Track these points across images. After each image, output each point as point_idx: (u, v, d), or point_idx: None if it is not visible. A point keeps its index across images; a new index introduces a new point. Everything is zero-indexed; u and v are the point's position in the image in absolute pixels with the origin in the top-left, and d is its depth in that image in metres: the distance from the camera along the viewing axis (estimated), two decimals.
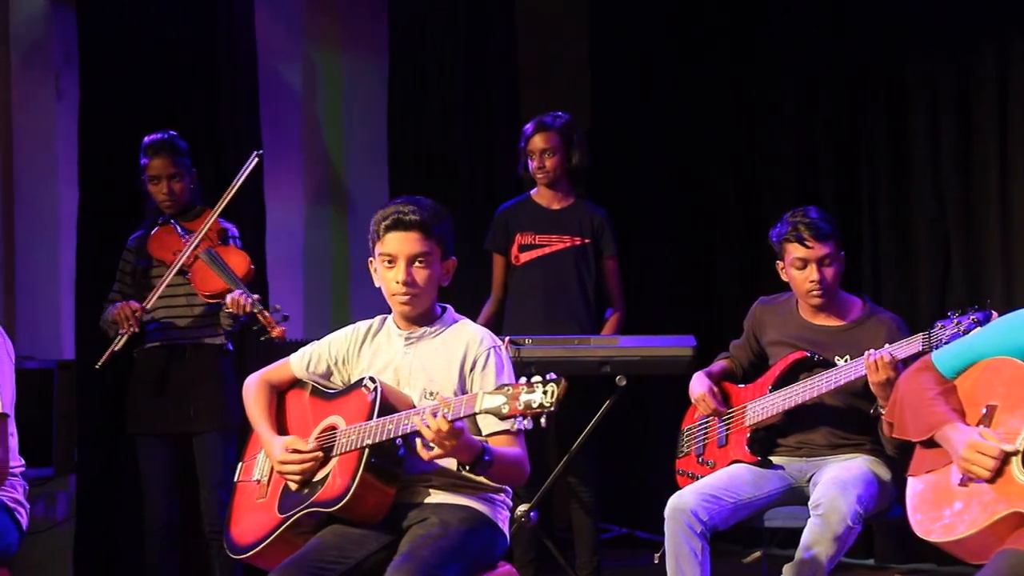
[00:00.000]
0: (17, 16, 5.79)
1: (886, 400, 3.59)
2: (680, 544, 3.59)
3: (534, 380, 2.74)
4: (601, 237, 4.88)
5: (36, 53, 5.77)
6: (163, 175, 4.50)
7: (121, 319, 4.41)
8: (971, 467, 2.87)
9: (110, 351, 4.44)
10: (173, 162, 4.50)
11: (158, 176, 4.50)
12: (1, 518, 3.18)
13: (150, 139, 4.53)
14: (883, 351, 3.57)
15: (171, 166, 4.50)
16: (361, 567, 2.98)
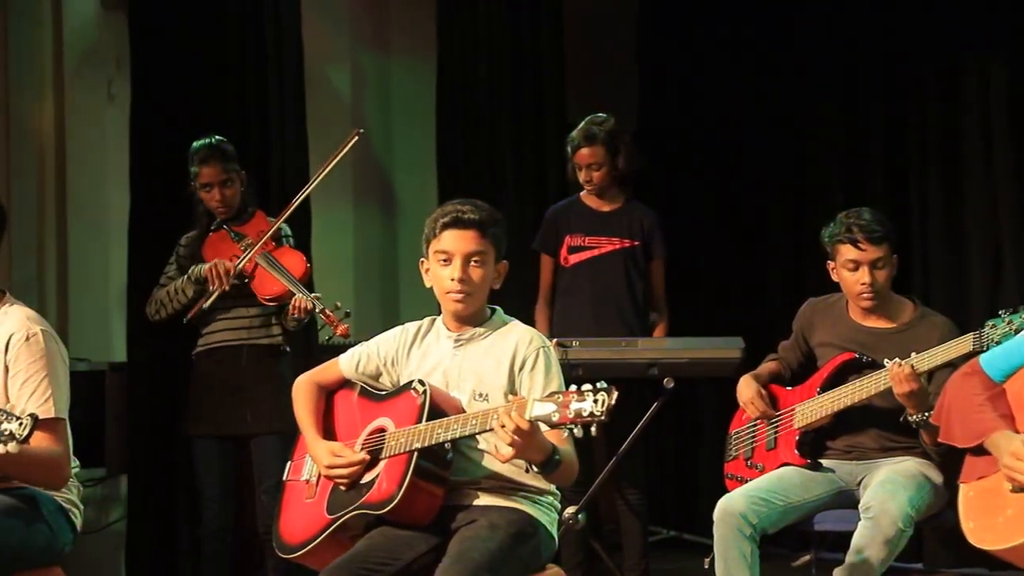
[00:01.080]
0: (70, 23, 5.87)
1: (915, 409, 3.56)
2: (729, 547, 3.57)
3: (585, 388, 2.73)
4: (652, 239, 4.87)
5: (88, 59, 5.84)
6: (215, 182, 4.54)
7: (213, 276, 4.40)
8: (1015, 475, 2.84)
9: (198, 307, 4.44)
10: (223, 168, 4.54)
11: (210, 183, 4.54)
12: (55, 518, 3.21)
13: (198, 146, 4.56)
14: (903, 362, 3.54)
15: (222, 172, 4.54)
16: (409, 569, 2.99)
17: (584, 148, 4.78)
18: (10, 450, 2.84)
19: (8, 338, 3.19)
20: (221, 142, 4.59)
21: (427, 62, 6.13)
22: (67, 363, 3.29)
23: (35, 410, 2.99)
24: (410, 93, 6.41)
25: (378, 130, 6.48)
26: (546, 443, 2.88)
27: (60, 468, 3.17)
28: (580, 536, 4.71)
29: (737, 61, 6.11)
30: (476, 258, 3.10)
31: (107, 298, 5.63)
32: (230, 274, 4.41)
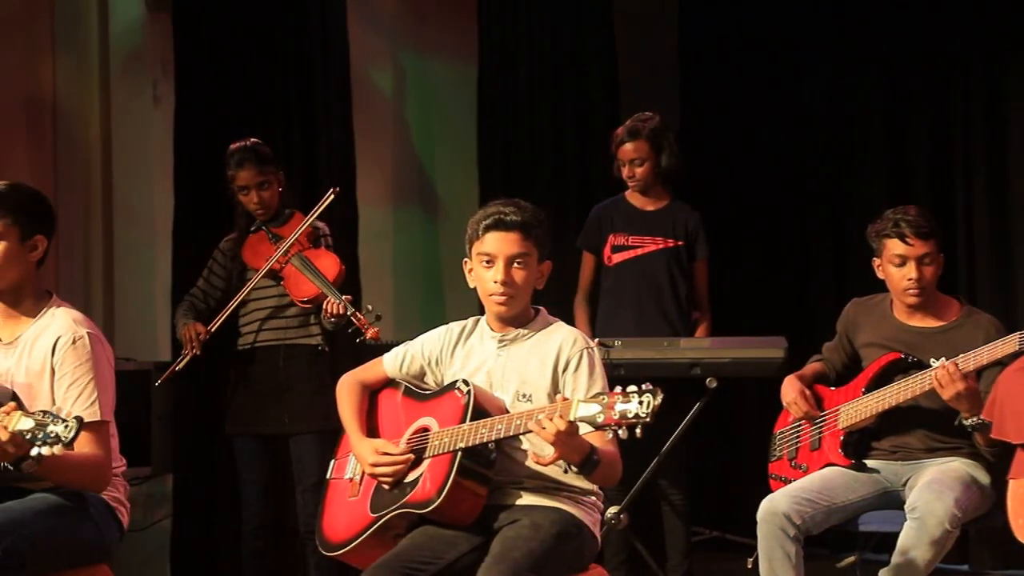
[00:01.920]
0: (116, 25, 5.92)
1: (968, 411, 3.53)
2: (774, 548, 3.56)
3: (630, 390, 2.73)
4: (695, 240, 4.86)
5: (134, 62, 5.89)
6: (251, 185, 4.57)
7: (185, 340, 4.52)
8: None
9: (171, 370, 4.57)
10: (259, 171, 4.56)
11: (246, 186, 4.57)
12: (103, 516, 3.24)
13: (234, 149, 4.59)
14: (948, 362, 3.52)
15: (258, 175, 4.56)
16: (452, 568, 3.00)
17: (627, 143, 4.78)
18: (55, 452, 2.87)
19: (55, 341, 3.22)
20: (257, 144, 4.61)
21: (469, 63, 6.14)
22: (113, 365, 3.32)
23: (81, 413, 3.02)
24: (452, 93, 6.42)
25: (420, 130, 6.50)
26: (584, 444, 2.88)
27: (102, 471, 3.20)
28: (623, 536, 4.71)
29: (778, 61, 6.07)
30: (519, 260, 3.10)
31: (152, 298, 5.67)
32: (201, 337, 4.51)
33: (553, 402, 2.90)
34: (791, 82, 6.02)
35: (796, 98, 6.00)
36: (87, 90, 5.89)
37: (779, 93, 6.05)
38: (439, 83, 6.49)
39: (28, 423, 2.87)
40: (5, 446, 2.88)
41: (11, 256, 3.24)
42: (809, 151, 5.99)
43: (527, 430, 2.90)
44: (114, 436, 3.30)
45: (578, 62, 6.04)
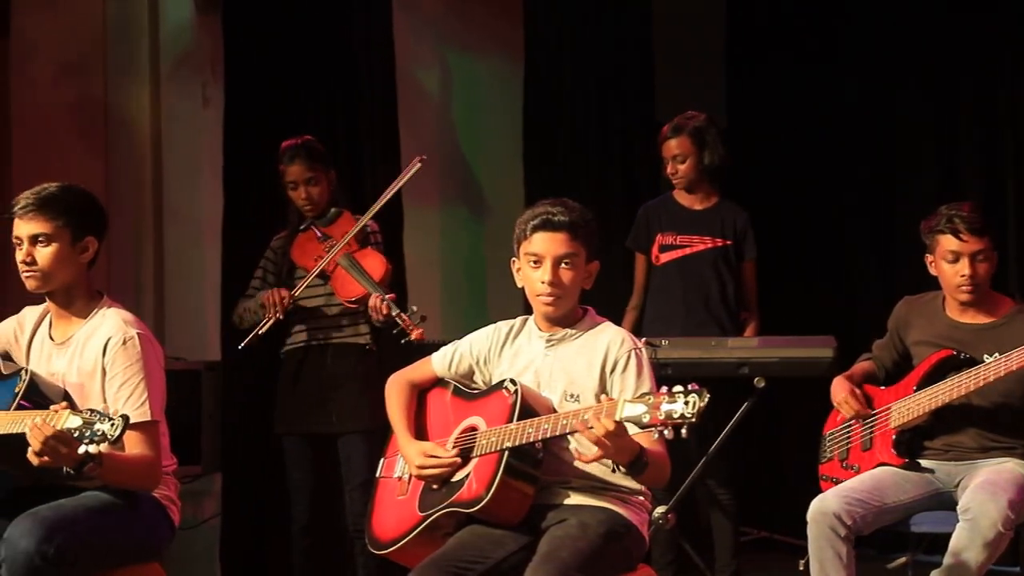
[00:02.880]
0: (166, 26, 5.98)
1: None
2: (824, 548, 3.53)
3: (676, 390, 2.72)
4: (744, 239, 4.83)
5: (184, 64, 5.94)
6: (300, 180, 4.59)
7: (269, 304, 4.49)
8: None
9: (254, 333, 4.51)
10: (309, 167, 4.59)
11: (295, 182, 4.60)
12: (154, 515, 3.27)
13: (287, 145, 4.63)
14: None
15: (307, 171, 4.59)
16: (500, 567, 3.00)
17: (671, 140, 4.77)
18: (102, 450, 2.90)
19: (106, 341, 3.25)
20: (309, 141, 4.64)
21: (515, 62, 6.14)
22: (163, 365, 3.35)
23: (131, 413, 3.05)
24: (497, 93, 6.42)
25: (465, 130, 6.51)
26: (633, 445, 2.87)
27: (153, 471, 3.23)
28: (671, 536, 4.69)
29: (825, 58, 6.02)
30: (567, 260, 3.09)
31: (202, 298, 5.72)
32: (285, 301, 4.47)
33: (600, 403, 2.89)
34: (839, 79, 5.97)
35: (844, 95, 5.95)
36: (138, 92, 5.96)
37: (827, 90, 6.00)
38: (485, 83, 6.49)
39: (76, 421, 2.91)
40: (54, 444, 2.92)
41: (62, 257, 3.27)
42: (858, 149, 5.94)
43: (574, 430, 2.89)
44: (165, 435, 3.33)
45: (622, 62, 6.02)
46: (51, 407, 3.03)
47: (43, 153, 5.68)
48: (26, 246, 3.26)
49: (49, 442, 2.91)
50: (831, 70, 5.99)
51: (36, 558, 2.93)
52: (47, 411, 3.00)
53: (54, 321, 3.38)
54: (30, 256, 3.26)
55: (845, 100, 5.94)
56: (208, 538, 5.43)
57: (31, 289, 3.32)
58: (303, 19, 5.49)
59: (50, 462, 2.95)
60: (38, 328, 3.41)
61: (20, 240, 3.28)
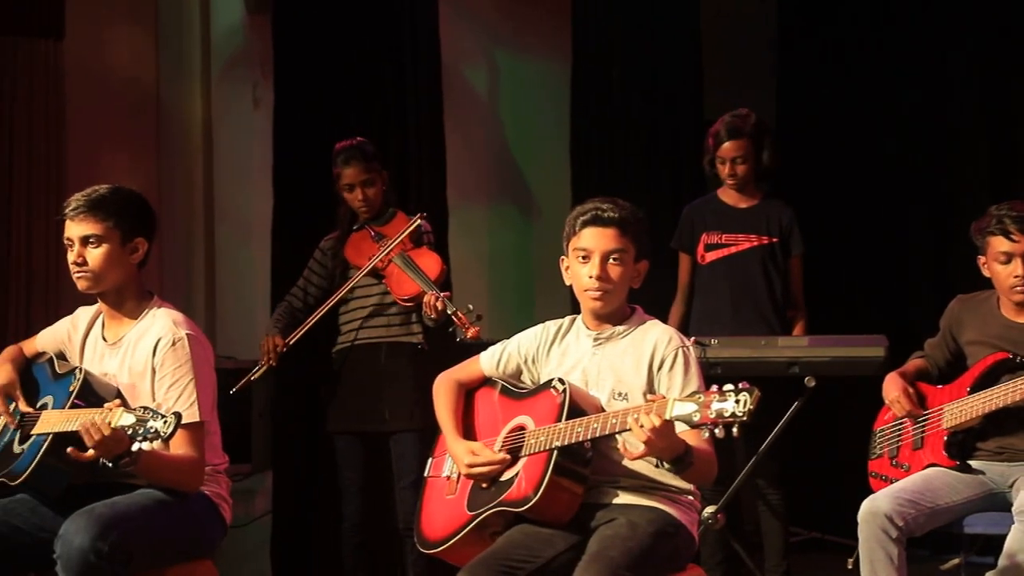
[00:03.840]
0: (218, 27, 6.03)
1: None
2: (875, 549, 3.50)
3: (727, 388, 2.71)
4: (790, 236, 4.80)
5: (235, 65, 5.99)
6: (356, 182, 4.62)
7: (263, 351, 4.57)
8: None
9: (246, 380, 4.60)
10: (365, 168, 4.61)
11: (351, 184, 4.62)
12: (206, 512, 3.30)
13: (340, 148, 4.65)
14: None
15: (363, 173, 4.61)
16: (549, 567, 3.00)
17: (728, 142, 4.74)
18: (155, 447, 2.93)
19: (156, 342, 3.28)
20: (363, 143, 4.67)
21: (562, 60, 6.14)
22: (213, 365, 3.37)
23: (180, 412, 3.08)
24: (545, 91, 6.43)
25: (513, 129, 6.51)
26: (679, 442, 2.86)
27: (196, 472, 3.25)
28: (720, 536, 4.68)
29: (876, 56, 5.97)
30: (615, 256, 3.09)
31: (252, 298, 5.77)
32: (279, 350, 4.55)
33: (648, 401, 2.88)
34: (890, 76, 5.91)
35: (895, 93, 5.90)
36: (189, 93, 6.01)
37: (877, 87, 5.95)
38: (532, 81, 6.49)
39: (129, 419, 2.94)
40: (108, 441, 2.95)
41: (112, 258, 3.30)
42: (910, 146, 5.89)
43: (623, 428, 2.89)
44: (216, 434, 3.36)
45: (670, 60, 6.01)
46: (105, 404, 3.07)
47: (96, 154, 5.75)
48: (77, 247, 3.30)
49: (103, 439, 2.94)
50: (882, 66, 5.94)
51: (91, 555, 2.96)
52: (101, 409, 3.03)
53: (106, 321, 3.42)
54: (81, 257, 3.29)
55: (896, 97, 5.88)
56: (259, 535, 5.47)
57: (82, 289, 3.36)
58: (352, 19, 5.51)
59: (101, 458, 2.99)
60: (91, 328, 3.45)
61: (71, 241, 3.31)
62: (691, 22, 6.03)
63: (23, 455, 3.26)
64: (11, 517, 3.25)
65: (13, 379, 3.43)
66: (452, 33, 5.84)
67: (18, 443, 3.32)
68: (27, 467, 3.19)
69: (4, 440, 3.39)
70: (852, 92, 6.03)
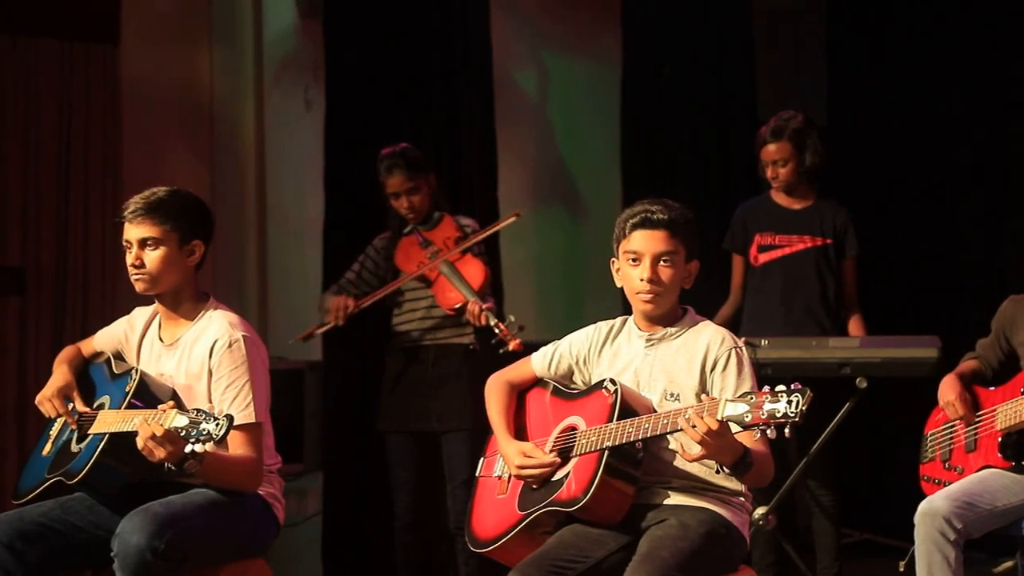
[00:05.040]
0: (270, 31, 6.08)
1: None
2: (932, 552, 3.47)
3: (779, 389, 2.71)
4: (844, 237, 4.78)
5: (287, 68, 6.04)
6: (401, 191, 4.65)
7: (332, 308, 4.58)
8: None
9: (310, 331, 4.64)
10: (409, 177, 4.63)
11: (397, 192, 4.65)
12: (259, 512, 3.33)
13: (384, 155, 4.67)
14: None
15: (407, 181, 4.64)
16: (599, 567, 3.01)
17: (771, 144, 4.72)
18: (207, 449, 2.96)
19: (212, 344, 3.32)
20: (407, 150, 4.68)
21: (612, 62, 6.13)
22: (267, 366, 3.41)
23: (236, 415, 3.11)
24: (594, 94, 6.42)
25: (562, 131, 6.52)
26: (737, 445, 2.86)
27: (254, 472, 3.28)
28: (771, 537, 4.66)
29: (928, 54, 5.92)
30: (666, 258, 3.09)
31: (304, 298, 5.80)
32: (348, 310, 4.56)
33: (701, 402, 2.88)
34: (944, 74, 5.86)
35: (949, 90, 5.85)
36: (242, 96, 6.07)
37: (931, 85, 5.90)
38: (582, 83, 6.49)
39: (183, 420, 2.97)
40: (161, 442, 2.98)
41: (170, 261, 3.34)
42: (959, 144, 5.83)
43: (674, 429, 2.89)
44: (269, 435, 3.39)
45: (721, 60, 5.99)
46: (159, 406, 3.10)
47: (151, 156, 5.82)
48: (135, 249, 3.33)
49: (157, 440, 2.98)
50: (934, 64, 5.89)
51: (147, 553, 3.00)
52: (156, 410, 3.07)
53: (163, 323, 3.46)
54: (139, 259, 3.33)
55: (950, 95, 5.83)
56: (311, 535, 5.50)
57: (139, 291, 3.39)
58: (403, 21, 5.54)
59: (156, 459, 3.03)
60: (147, 329, 3.49)
61: (129, 243, 3.34)
62: (742, 21, 6.01)
63: (80, 454, 3.31)
64: (69, 515, 3.30)
65: (70, 380, 3.48)
66: (502, 36, 5.85)
67: (75, 442, 3.37)
68: (84, 466, 3.23)
69: (62, 439, 3.44)
70: (904, 91, 5.98)
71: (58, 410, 3.42)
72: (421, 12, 5.59)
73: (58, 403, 3.42)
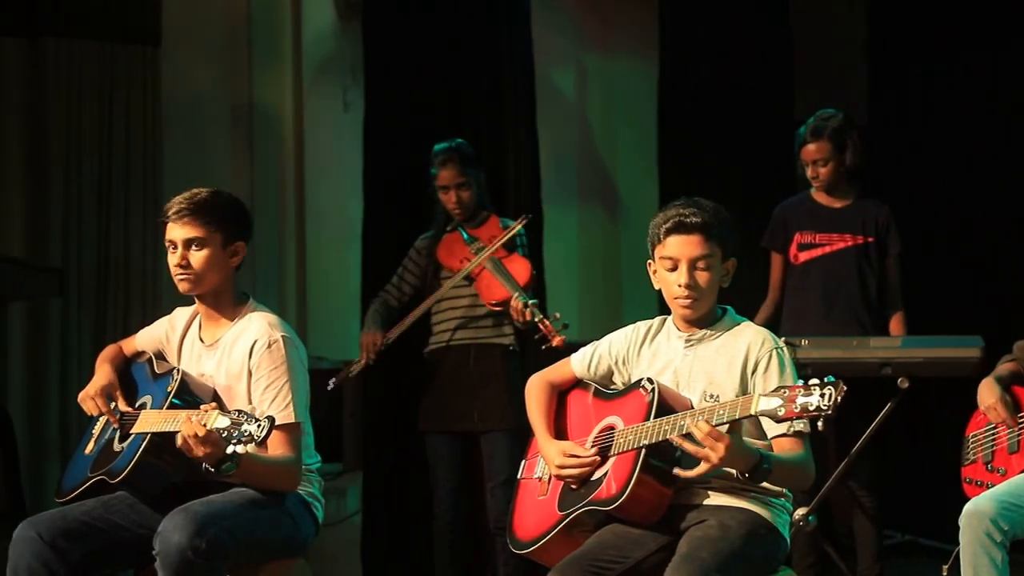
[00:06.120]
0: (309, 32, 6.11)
1: None
2: (978, 554, 3.43)
3: (812, 382, 2.70)
4: (887, 235, 4.74)
5: (325, 69, 6.06)
6: (451, 185, 4.65)
7: (362, 347, 4.62)
8: None
9: (343, 375, 4.66)
10: (460, 171, 4.65)
11: (447, 186, 4.66)
12: (299, 511, 3.34)
13: (438, 148, 4.69)
14: None
15: (458, 175, 4.65)
16: (639, 567, 3.00)
17: (810, 144, 4.69)
18: (249, 450, 2.98)
19: (252, 344, 3.33)
20: (461, 145, 4.70)
21: (650, 61, 6.12)
22: (307, 366, 3.42)
23: (275, 415, 3.12)
24: (633, 93, 6.41)
25: (601, 131, 6.51)
26: (749, 451, 2.82)
27: (293, 473, 3.29)
28: (812, 538, 4.64)
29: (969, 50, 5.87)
30: (701, 262, 3.07)
31: (343, 298, 5.83)
32: (378, 346, 4.58)
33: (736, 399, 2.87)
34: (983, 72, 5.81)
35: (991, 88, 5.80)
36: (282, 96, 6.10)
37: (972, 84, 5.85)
38: (621, 82, 6.48)
39: (224, 421, 2.98)
40: (203, 442, 3.00)
41: (214, 262, 3.35)
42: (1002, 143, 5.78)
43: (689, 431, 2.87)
44: (309, 434, 3.40)
45: (760, 58, 5.96)
46: (200, 407, 3.12)
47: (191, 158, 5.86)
48: (180, 249, 3.34)
49: (198, 439, 3.00)
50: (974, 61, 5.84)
51: (189, 552, 3.02)
52: (197, 410, 3.08)
53: (203, 323, 3.48)
54: (184, 259, 3.34)
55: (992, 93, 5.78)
56: (349, 534, 5.52)
57: (183, 291, 3.41)
58: (442, 21, 5.55)
59: (196, 458, 3.04)
60: (188, 329, 3.51)
61: (174, 243, 3.36)
62: (781, 19, 5.98)
63: (122, 453, 3.33)
64: (112, 514, 3.32)
65: (112, 379, 3.50)
66: (541, 35, 5.85)
67: (118, 441, 3.39)
68: (126, 465, 3.25)
69: (105, 438, 3.46)
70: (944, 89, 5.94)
71: (100, 409, 3.44)
72: (461, 13, 5.59)
73: (100, 402, 3.44)
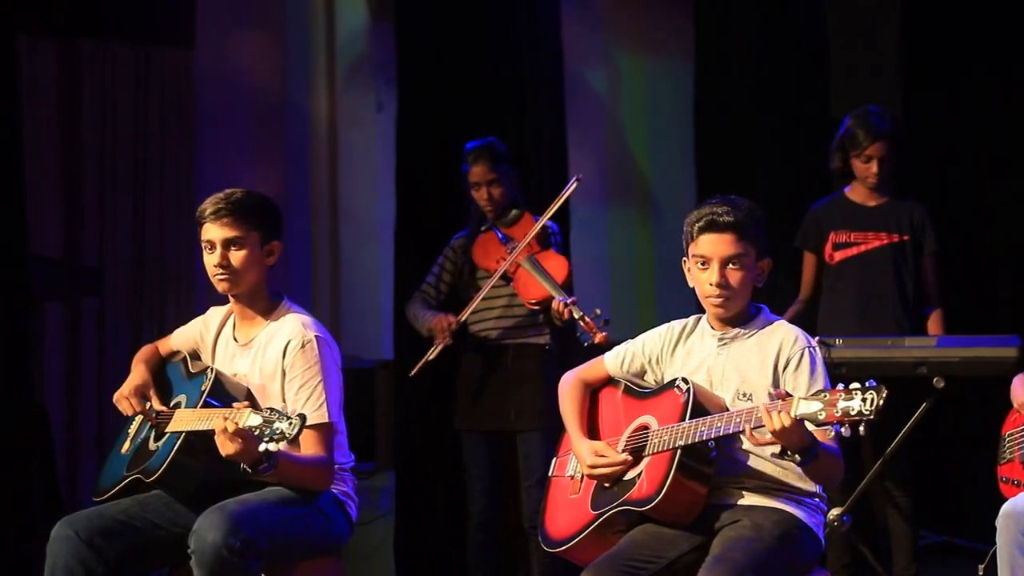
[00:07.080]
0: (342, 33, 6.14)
1: None
2: (1016, 555, 3.40)
3: (853, 387, 2.68)
4: (923, 233, 4.71)
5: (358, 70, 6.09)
6: (482, 182, 4.65)
7: (437, 331, 4.57)
8: None
9: (424, 360, 4.60)
10: (491, 168, 4.64)
11: (478, 183, 4.66)
12: (333, 510, 3.35)
13: (470, 146, 4.69)
14: None
15: (490, 172, 4.64)
16: (673, 567, 2.99)
17: (875, 143, 4.63)
18: (280, 448, 2.99)
19: (286, 344, 3.34)
20: (493, 143, 4.69)
21: (684, 60, 6.10)
22: (340, 366, 3.43)
23: (309, 415, 3.13)
24: (667, 92, 6.40)
25: (635, 130, 6.50)
26: (808, 435, 2.82)
27: (325, 473, 3.30)
28: (846, 538, 4.61)
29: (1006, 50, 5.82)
30: (734, 261, 3.06)
31: (376, 298, 5.85)
32: (452, 327, 4.54)
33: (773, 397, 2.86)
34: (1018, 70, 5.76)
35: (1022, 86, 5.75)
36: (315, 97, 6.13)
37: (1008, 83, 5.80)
38: (654, 82, 6.47)
39: (256, 419, 3.00)
40: (234, 439, 3.02)
41: (251, 262, 3.36)
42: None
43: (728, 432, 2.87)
44: (343, 433, 3.41)
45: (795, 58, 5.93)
46: (233, 405, 3.13)
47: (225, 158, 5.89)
48: (219, 249, 3.35)
49: (230, 436, 3.01)
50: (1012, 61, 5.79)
51: (224, 550, 3.03)
52: (230, 409, 3.10)
53: (237, 322, 3.49)
54: (224, 259, 3.34)
55: None
56: (382, 533, 5.54)
57: (222, 291, 3.42)
58: (474, 22, 5.55)
59: (230, 458, 3.06)
60: (222, 329, 3.52)
61: (212, 244, 3.36)
62: (816, 17, 5.95)
63: (158, 452, 3.35)
64: (147, 512, 3.34)
65: (147, 379, 3.51)
66: (573, 34, 5.84)
67: (153, 440, 3.41)
68: (161, 464, 3.27)
69: (140, 437, 3.49)
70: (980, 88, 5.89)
71: (135, 408, 3.45)
72: (492, 13, 5.59)
73: (135, 401, 3.45)
